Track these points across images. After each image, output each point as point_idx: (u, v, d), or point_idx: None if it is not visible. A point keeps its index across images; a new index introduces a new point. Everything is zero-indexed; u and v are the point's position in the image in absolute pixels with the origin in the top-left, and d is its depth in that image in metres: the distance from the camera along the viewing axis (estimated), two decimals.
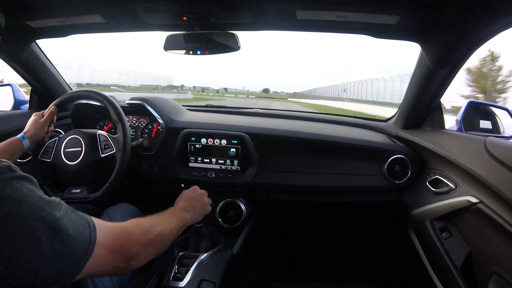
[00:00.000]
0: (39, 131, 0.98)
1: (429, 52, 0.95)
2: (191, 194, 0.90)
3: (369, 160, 1.21)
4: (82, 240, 0.47)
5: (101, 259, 0.50)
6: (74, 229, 0.46)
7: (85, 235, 0.48)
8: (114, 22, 1.04)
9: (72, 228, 0.46)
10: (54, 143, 1.01)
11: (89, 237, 0.48)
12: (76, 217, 0.49)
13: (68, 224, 0.46)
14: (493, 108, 1.21)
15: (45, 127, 0.99)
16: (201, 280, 0.90)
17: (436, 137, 1.09)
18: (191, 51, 1.05)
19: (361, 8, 0.85)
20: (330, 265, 1.59)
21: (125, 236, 0.56)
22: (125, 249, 0.55)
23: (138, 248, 0.58)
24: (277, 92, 35.23)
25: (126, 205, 1.15)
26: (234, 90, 30.93)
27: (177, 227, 0.77)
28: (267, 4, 0.87)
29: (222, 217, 1.23)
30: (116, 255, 0.53)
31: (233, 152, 1.19)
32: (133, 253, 0.57)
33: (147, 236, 0.62)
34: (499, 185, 0.71)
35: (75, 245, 0.46)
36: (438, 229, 0.97)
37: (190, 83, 31.77)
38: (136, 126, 1.31)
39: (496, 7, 0.70)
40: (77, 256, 0.46)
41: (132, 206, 1.16)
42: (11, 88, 1.58)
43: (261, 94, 28.82)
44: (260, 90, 23.25)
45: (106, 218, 1.05)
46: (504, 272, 0.72)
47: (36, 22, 1.05)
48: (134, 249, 0.57)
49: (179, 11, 0.95)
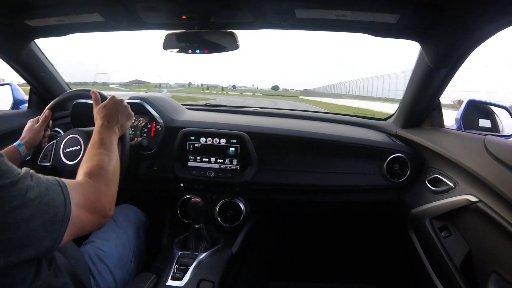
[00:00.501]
0: (35, 137, 0.96)
1: (428, 51, 0.95)
2: (106, 111, 0.85)
3: (368, 159, 1.21)
4: (58, 197, 0.51)
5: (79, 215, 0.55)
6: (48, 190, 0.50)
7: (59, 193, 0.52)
8: (113, 21, 1.04)
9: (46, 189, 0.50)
10: (53, 146, 1.00)
11: (62, 195, 0.52)
12: (46, 180, 0.52)
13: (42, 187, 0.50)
14: (493, 107, 1.21)
15: (40, 132, 0.97)
16: (200, 280, 0.90)
17: (435, 136, 1.09)
18: (190, 50, 1.05)
19: (360, 7, 0.85)
20: (329, 264, 1.59)
21: (94, 192, 0.62)
22: (98, 205, 0.62)
23: (108, 199, 0.65)
24: (287, 89, 34.33)
25: (128, 206, 1.15)
26: (243, 88, 30.44)
27: (115, 152, 0.78)
28: (266, 3, 0.87)
29: (221, 216, 1.23)
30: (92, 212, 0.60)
31: (232, 151, 1.19)
32: (106, 207, 0.63)
33: (108, 180, 0.67)
34: (499, 184, 0.71)
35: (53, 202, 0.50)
36: (438, 228, 0.97)
37: (199, 81, 31.66)
38: (135, 125, 1.30)
39: (495, 6, 0.70)
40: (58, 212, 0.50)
41: (134, 207, 1.16)
42: (10, 88, 1.58)
43: (269, 92, 28.06)
44: (269, 88, 22.99)
45: (110, 219, 1.06)
46: (504, 270, 0.72)
47: (35, 21, 1.05)
48: (106, 204, 0.64)
49: (179, 10, 0.95)
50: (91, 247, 0.91)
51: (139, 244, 1.05)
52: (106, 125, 0.81)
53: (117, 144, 0.81)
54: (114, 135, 0.81)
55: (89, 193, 0.60)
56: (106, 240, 0.95)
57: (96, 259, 0.88)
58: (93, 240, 0.95)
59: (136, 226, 1.09)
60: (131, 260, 0.99)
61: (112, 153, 0.76)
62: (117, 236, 0.99)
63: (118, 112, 0.86)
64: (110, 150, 0.76)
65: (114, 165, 0.73)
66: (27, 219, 0.45)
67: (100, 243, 0.93)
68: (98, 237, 0.96)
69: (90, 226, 0.60)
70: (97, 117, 0.84)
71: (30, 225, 0.45)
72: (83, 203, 0.57)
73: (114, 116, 0.84)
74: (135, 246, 1.03)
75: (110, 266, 0.89)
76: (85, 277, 0.79)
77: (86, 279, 0.81)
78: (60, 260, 0.69)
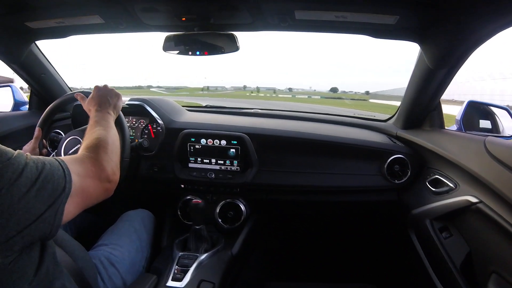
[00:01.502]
0: None
1: (428, 52, 0.95)
2: (94, 99, 0.87)
3: (368, 160, 1.21)
4: (57, 169, 0.51)
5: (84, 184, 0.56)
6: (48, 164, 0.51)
7: (58, 167, 0.52)
8: (113, 23, 1.04)
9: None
10: (53, 153, 1.00)
11: (61, 167, 0.52)
12: (43, 158, 0.52)
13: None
14: (493, 107, 1.21)
15: (34, 151, 0.96)
16: (201, 281, 0.90)
17: (435, 137, 1.09)
18: (190, 52, 1.05)
19: (360, 8, 0.85)
20: (329, 265, 1.59)
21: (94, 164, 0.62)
22: (99, 171, 0.62)
23: (109, 164, 0.65)
24: (345, 91, 30.82)
25: (145, 211, 1.17)
26: (299, 90, 27.81)
27: (113, 127, 0.80)
28: (265, 4, 0.87)
29: (221, 217, 1.23)
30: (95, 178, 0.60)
31: (233, 152, 1.19)
32: (108, 171, 0.64)
33: (108, 150, 0.68)
34: (499, 184, 0.71)
35: (51, 175, 0.50)
36: (438, 229, 0.97)
37: (254, 84, 29.78)
38: (136, 126, 1.31)
39: (494, 6, 0.70)
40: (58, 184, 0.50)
41: (150, 212, 1.18)
42: (11, 89, 1.58)
43: (328, 94, 25.59)
44: (327, 90, 20.40)
45: (126, 223, 1.06)
46: (504, 271, 0.72)
47: (35, 23, 1.05)
48: (108, 169, 0.64)
49: (178, 11, 0.95)
50: (103, 251, 0.91)
51: (154, 251, 1.06)
52: (99, 110, 0.83)
53: (114, 125, 0.83)
54: (109, 115, 0.83)
55: (88, 163, 0.61)
56: (119, 245, 0.95)
57: (107, 263, 0.88)
58: (106, 244, 0.95)
59: (151, 232, 1.11)
60: (143, 265, 1.00)
61: (110, 128, 0.78)
62: (131, 241, 0.99)
63: (107, 95, 0.88)
64: (106, 126, 0.77)
65: (112, 137, 0.74)
66: (24, 194, 0.45)
67: (113, 247, 0.93)
68: (111, 241, 0.96)
69: (95, 194, 0.60)
70: (89, 109, 0.86)
71: (28, 199, 0.45)
72: (83, 172, 0.58)
73: (104, 101, 0.86)
74: (147, 251, 1.04)
75: (121, 271, 0.89)
76: (92, 279, 0.79)
77: (94, 282, 0.80)
78: (67, 262, 0.69)
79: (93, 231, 1.15)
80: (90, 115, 0.83)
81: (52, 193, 0.49)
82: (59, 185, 0.50)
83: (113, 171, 0.66)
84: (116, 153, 0.72)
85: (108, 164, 0.65)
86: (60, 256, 0.65)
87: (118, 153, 0.73)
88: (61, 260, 0.61)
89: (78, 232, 1.08)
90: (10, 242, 0.44)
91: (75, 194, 0.53)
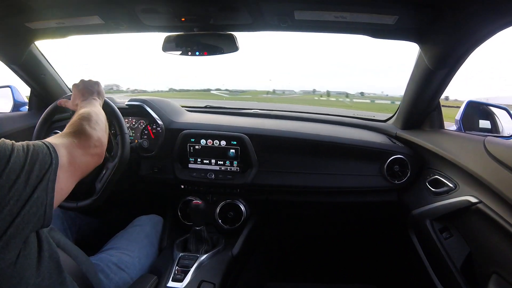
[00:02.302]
0: None
1: (427, 52, 0.95)
2: (76, 95, 0.89)
3: (368, 161, 1.21)
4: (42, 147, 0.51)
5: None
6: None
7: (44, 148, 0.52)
8: (113, 24, 1.04)
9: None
10: None
11: (45, 145, 0.52)
12: (26, 142, 0.52)
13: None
14: (492, 107, 1.21)
15: None
16: (201, 281, 0.90)
17: (435, 137, 1.09)
18: (189, 52, 1.05)
19: (359, 8, 0.85)
20: (330, 265, 1.59)
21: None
22: (84, 140, 0.63)
23: (94, 133, 0.67)
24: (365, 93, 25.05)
25: (157, 217, 1.19)
26: (371, 95, 21.39)
27: (96, 105, 0.83)
28: (265, 5, 0.87)
29: (221, 218, 1.23)
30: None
31: (233, 153, 1.19)
32: (93, 138, 0.65)
33: (92, 121, 0.70)
34: (499, 185, 0.71)
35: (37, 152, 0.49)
36: (438, 229, 0.97)
37: (323, 87, 27.50)
38: (136, 127, 1.31)
39: (494, 6, 0.70)
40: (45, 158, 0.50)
41: (161, 218, 1.20)
42: (11, 90, 1.58)
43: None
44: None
45: (137, 228, 1.07)
46: (504, 271, 0.72)
47: (35, 23, 1.05)
48: (93, 136, 0.66)
49: (178, 12, 0.95)
50: (112, 255, 0.91)
51: None
52: (84, 100, 0.85)
53: (99, 106, 0.85)
54: (94, 101, 0.85)
55: (72, 135, 0.62)
56: (130, 250, 0.95)
57: (115, 268, 0.87)
58: (115, 248, 0.95)
59: (161, 237, 1.12)
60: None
61: (93, 106, 0.80)
62: (142, 246, 1.00)
63: (85, 87, 0.90)
64: (90, 106, 0.80)
65: (95, 112, 0.76)
66: (14, 182, 0.44)
67: (123, 252, 0.93)
68: (121, 245, 0.96)
69: (85, 162, 0.61)
70: (75, 104, 0.87)
71: (18, 186, 0.44)
72: (68, 143, 0.58)
73: (85, 92, 0.88)
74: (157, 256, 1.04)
75: (132, 276, 0.89)
76: (96, 284, 0.78)
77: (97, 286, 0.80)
78: (69, 266, 0.68)
79: (95, 235, 1.15)
80: (79, 106, 0.84)
81: (39, 172, 0.48)
82: (46, 162, 0.50)
83: (98, 136, 0.67)
84: (100, 123, 0.73)
85: (92, 131, 0.66)
86: (63, 261, 0.64)
87: (102, 124, 0.74)
88: (64, 265, 0.61)
89: (79, 236, 1.08)
90: (5, 237, 0.43)
91: (65, 167, 0.53)
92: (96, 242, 1.01)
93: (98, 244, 0.99)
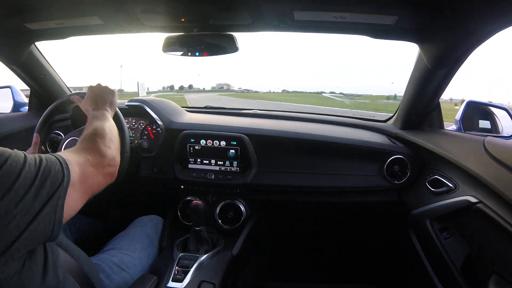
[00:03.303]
0: None
1: (427, 52, 0.96)
2: (89, 99, 0.87)
3: (368, 161, 1.21)
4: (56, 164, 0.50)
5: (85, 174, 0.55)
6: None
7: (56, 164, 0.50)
8: (112, 24, 1.04)
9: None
10: None
11: (58, 161, 0.51)
12: (39, 156, 0.50)
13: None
14: (492, 108, 1.21)
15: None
16: (201, 282, 0.90)
17: (435, 137, 1.09)
18: (189, 53, 1.05)
19: (359, 9, 0.85)
20: (330, 265, 1.59)
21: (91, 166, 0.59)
22: (97, 158, 0.61)
23: (107, 150, 0.65)
24: None
25: (158, 217, 1.18)
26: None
27: (109, 120, 0.80)
28: (264, 5, 0.87)
29: (221, 218, 1.23)
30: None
31: (233, 153, 1.19)
32: (108, 156, 0.63)
33: (105, 137, 0.68)
34: (499, 184, 0.71)
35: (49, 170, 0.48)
36: (438, 229, 0.97)
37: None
38: (136, 127, 1.31)
39: (493, 7, 0.70)
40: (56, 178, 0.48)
41: (162, 218, 1.19)
42: (11, 90, 1.58)
43: None
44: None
45: (138, 228, 1.07)
46: (504, 271, 0.72)
47: (35, 24, 1.05)
48: (107, 154, 0.64)
49: (177, 12, 0.95)
50: (113, 256, 0.91)
51: None
52: (95, 108, 0.84)
53: (111, 119, 0.83)
54: (105, 112, 0.83)
55: (86, 152, 0.60)
56: (131, 250, 0.95)
57: (116, 269, 0.87)
58: (116, 248, 0.94)
59: (161, 238, 1.12)
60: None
61: (106, 119, 0.78)
62: (143, 247, 1.00)
63: (100, 94, 0.88)
64: (103, 119, 0.77)
65: (109, 127, 0.74)
66: (23, 197, 0.43)
67: (124, 252, 0.93)
68: (122, 245, 0.96)
69: (97, 181, 0.59)
70: (86, 109, 0.87)
71: (27, 201, 0.43)
72: (82, 161, 0.56)
73: (100, 99, 0.87)
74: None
75: (133, 276, 0.89)
76: (97, 285, 0.78)
77: (95, 277, 0.80)
78: (72, 268, 0.68)
79: (94, 235, 1.15)
80: (88, 115, 0.84)
81: (49, 189, 0.46)
82: (57, 179, 0.48)
83: (113, 156, 0.66)
84: (114, 141, 0.71)
85: (106, 149, 0.64)
86: (65, 261, 0.64)
87: (116, 142, 0.72)
88: (67, 266, 0.60)
89: (79, 237, 1.08)
90: (10, 251, 0.42)
91: (77, 185, 0.52)
92: (96, 242, 1.01)
93: (98, 245, 0.99)
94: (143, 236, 1.04)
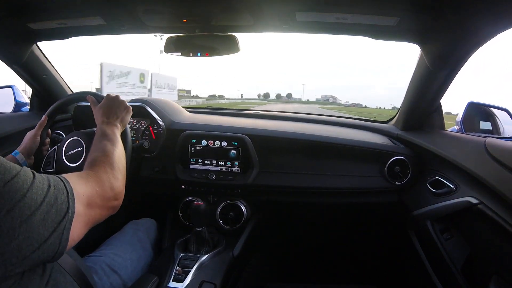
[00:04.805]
0: (31, 143, 0.94)
1: (428, 54, 0.96)
2: (104, 109, 0.86)
3: (369, 162, 1.21)
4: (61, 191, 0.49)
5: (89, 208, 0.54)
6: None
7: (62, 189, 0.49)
8: (115, 24, 1.04)
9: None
10: (54, 152, 0.99)
11: (65, 190, 0.50)
12: (47, 177, 0.49)
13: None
14: (493, 109, 1.21)
15: (36, 137, 0.95)
16: (202, 282, 0.90)
17: (436, 139, 1.09)
18: (191, 53, 1.05)
19: (361, 10, 0.85)
20: (331, 266, 1.59)
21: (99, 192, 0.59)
22: (104, 192, 0.60)
23: (115, 183, 0.64)
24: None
25: (150, 221, 1.17)
26: None
27: (119, 142, 0.79)
28: (266, 6, 0.87)
29: (222, 218, 1.23)
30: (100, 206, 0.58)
31: (234, 153, 1.19)
32: (115, 190, 0.63)
33: (114, 165, 0.68)
34: (500, 186, 0.71)
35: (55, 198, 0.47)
36: (439, 230, 0.97)
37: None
38: (137, 128, 1.31)
39: (495, 8, 0.70)
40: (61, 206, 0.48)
41: (154, 221, 1.18)
42: (12, 90, 1.58)
43: None
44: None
45: (131, 231, 1.06)
46: (505, 272, 0.72)
47: (37, 24, 1.05)
48: (114, 188, 0.63)
49: (180, 13, 0.95)
50: (106, 256, 0.90)
51: (156, 259, 1.06)
52: (106, 121, 0.83)
53: (120, 138, 0.81)
54: (115, 128, 0.82)
55: (93, 182, 0.58)
56: (122, 252, 0.94)
57: (108, 270, 0.87)
58: (108, 249, 0.94)
59: (155, 242, 1.11)
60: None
61: (116, 142, 0.77)
62: (134, 250, 0.99)
63: (116, 108, 0.87)
64: (113, 140, 0.76)
65: (118, 153, 0.73)
66: (28, 218, 0.42)
67: (115, 253, 0.93)
68: (114, 247, 0.96)
69: (101, 213, 0.59)
70: (97, 117, 0.86)
71: (31, 224, 0.42)
72: (88, 192, 0.55)
73: (112, 112, 0.86)
74: (151, 261, 1.04)
75: (124, 278, 0.89)
76: (91, 283, 0.78)
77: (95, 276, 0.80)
78: (71, 268, 0.68)
79: (87, 236, 1.15)
80: (97, 124, 0.83)
81: (55, 218, 0.46)
82: (62, 209, 0.47)
83: (120, 190, 0.65)
84: (122, 170, 0.71)
85: (115, 182, 0.64)
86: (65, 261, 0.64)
87: (123, 170, 0.72)
88: (65, 266, 0.60)
89: None
90: (11, 268, 0.41)
91: (81, 216, 0.51)
92: (89, 243, 1.00)
93: (91, 246, 0.98)
94: (135, 239, 1.03)
